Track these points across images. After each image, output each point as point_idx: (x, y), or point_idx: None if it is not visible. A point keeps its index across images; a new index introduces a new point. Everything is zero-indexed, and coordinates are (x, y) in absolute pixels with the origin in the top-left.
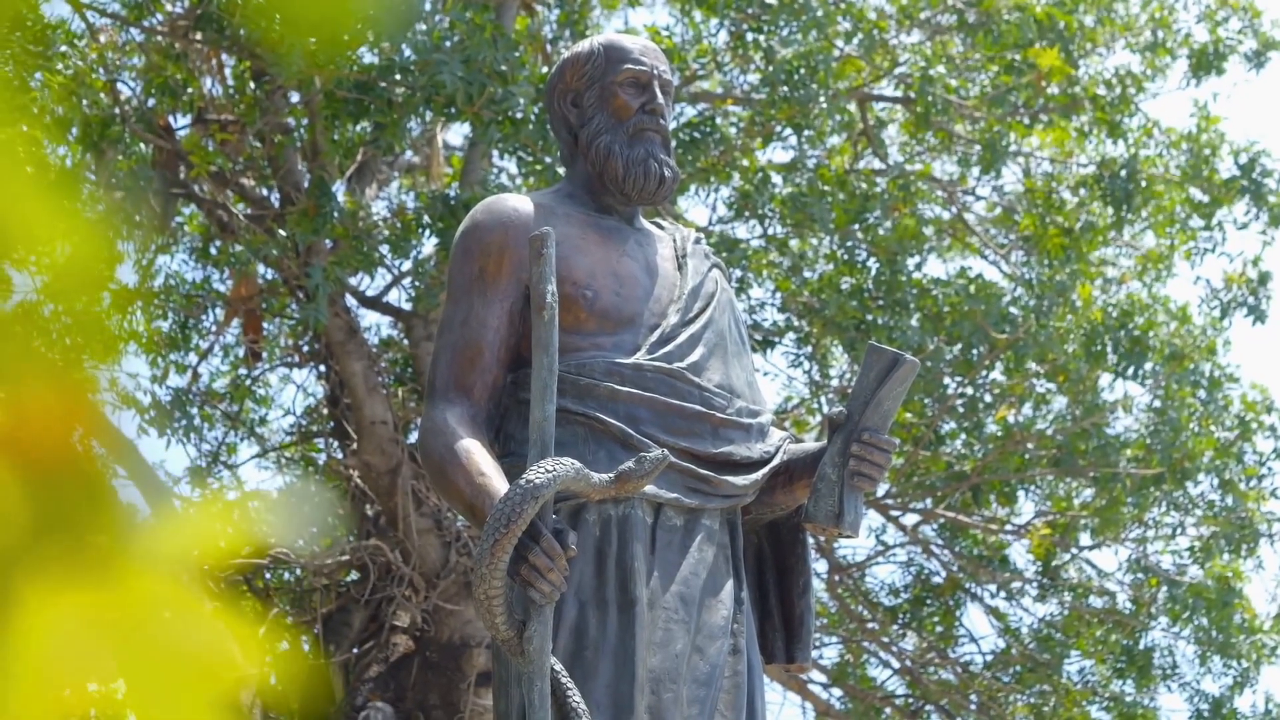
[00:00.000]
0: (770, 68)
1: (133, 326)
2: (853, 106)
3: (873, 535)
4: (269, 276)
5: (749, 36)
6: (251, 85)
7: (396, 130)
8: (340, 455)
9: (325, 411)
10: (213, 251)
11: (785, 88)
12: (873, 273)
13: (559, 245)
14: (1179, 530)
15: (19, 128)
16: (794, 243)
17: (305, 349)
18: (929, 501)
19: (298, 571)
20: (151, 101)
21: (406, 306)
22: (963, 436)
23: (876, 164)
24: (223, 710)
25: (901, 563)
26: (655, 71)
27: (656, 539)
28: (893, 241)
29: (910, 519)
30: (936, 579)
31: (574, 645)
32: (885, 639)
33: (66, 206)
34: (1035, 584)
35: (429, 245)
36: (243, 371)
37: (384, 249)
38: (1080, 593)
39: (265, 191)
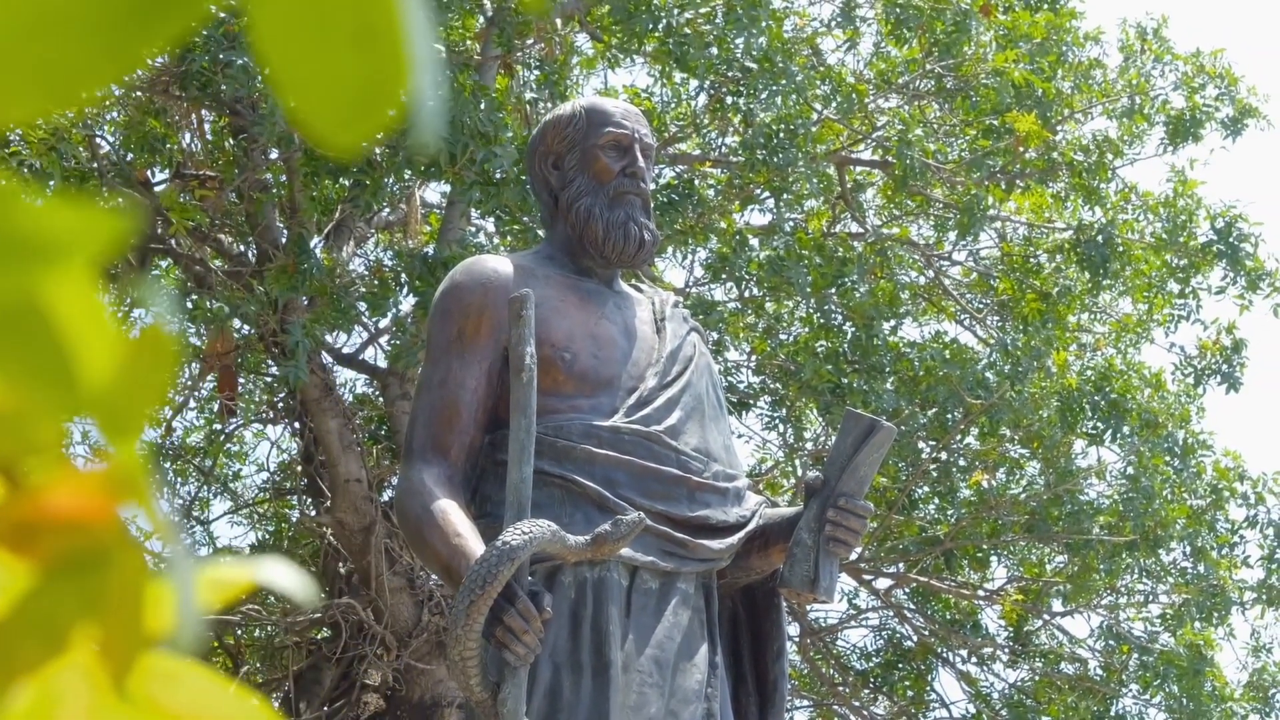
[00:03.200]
0: (749, 131)
1: None
2: (831, 170)
3: (845, 599)
4: (245, 332)
5: (728, 99)
6: (230, 141)
7: (376, 189)
8: (314, 512)
9: (299, 468)
10: (189, 306)
11: (764, 151)
12: (848, 336)
13: (538, 307)
14: (1151, 597)
15: None
16: (770, 305)
17: (280, 405)
18: (902, 566)
19: (269, 628)
20: (130, 156)
21: (382, 364)
22: (936, 501)
23: (854, 227)
24: None
25: (874, 627)
26: (636, 134)
27: (632, 602)
28: (869, 305)
29: (883, 583)
30: (908, 643)
31: (548, 708)
32: (857, 703)
33: None
34: (1007, 649)
35: (406, 303)
36: (217, 427)
37: (361, 306)
38: (1052, 659)
39: (243, 248)
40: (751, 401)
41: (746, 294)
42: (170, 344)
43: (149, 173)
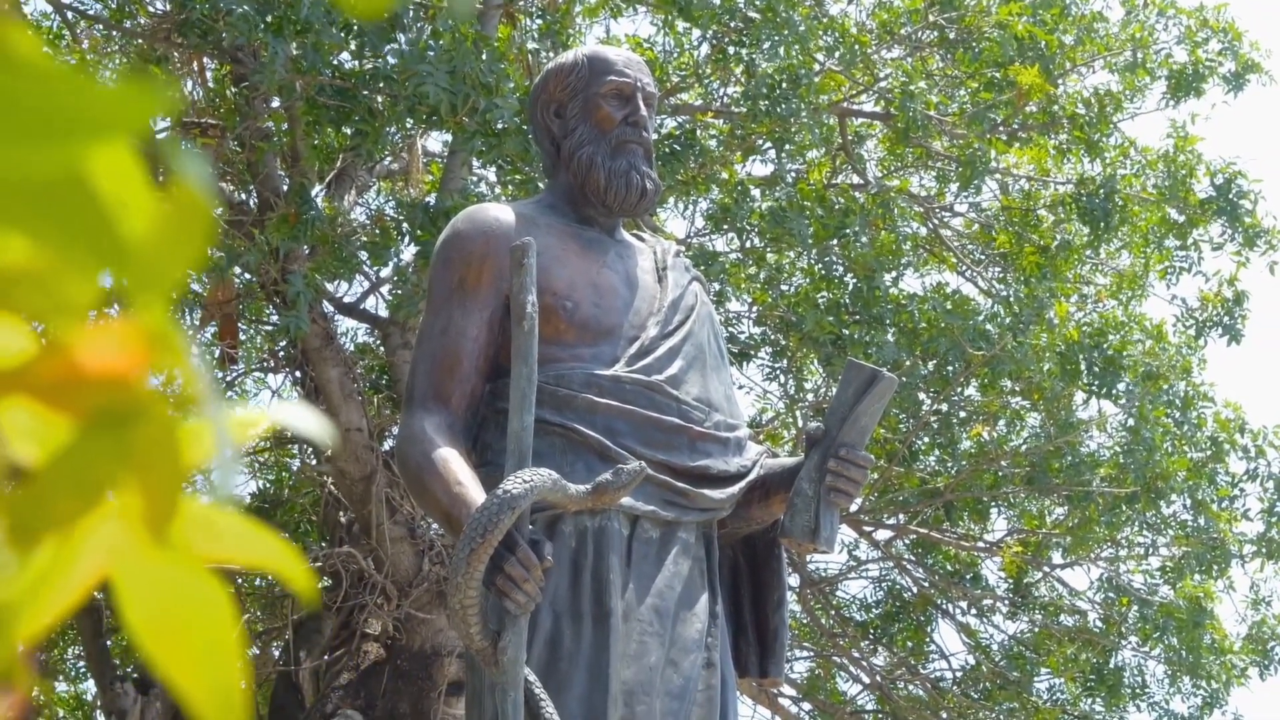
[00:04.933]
0: (751, 81)
1: None
2: (832, 121)
3: (845, 550)
4: (246, 280)
5: (730, 50)
6: (232, 89)
7: (377, 138)
8: (314, 462)
9: None
10: None
11: (766, 102)
12: (849, 288)
13: (540, 256)
14: (1151, 550)
15: None
16: (771, 256)
17: (281, 354)
18: (902, 517)
19: (269, 577)
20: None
21: (383, 313)
22: (936, 453)
23: (855, 179)
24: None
25: (874, 578)
26: (639, 83)
27: (632, 551)
28: (870, 257)
29: (883, 535)
30: (908, 595)
31: (548, 656)
32: (856, 654)
33: None
34: (1006, 601)
35: (408, 252)
36: (218, 374)
37: (362, 255)
38: (1051, 611)
39: (244, 196)
40: (752, 352)
41: (748, 245)
42: (203, 205)
43: (149, 121)
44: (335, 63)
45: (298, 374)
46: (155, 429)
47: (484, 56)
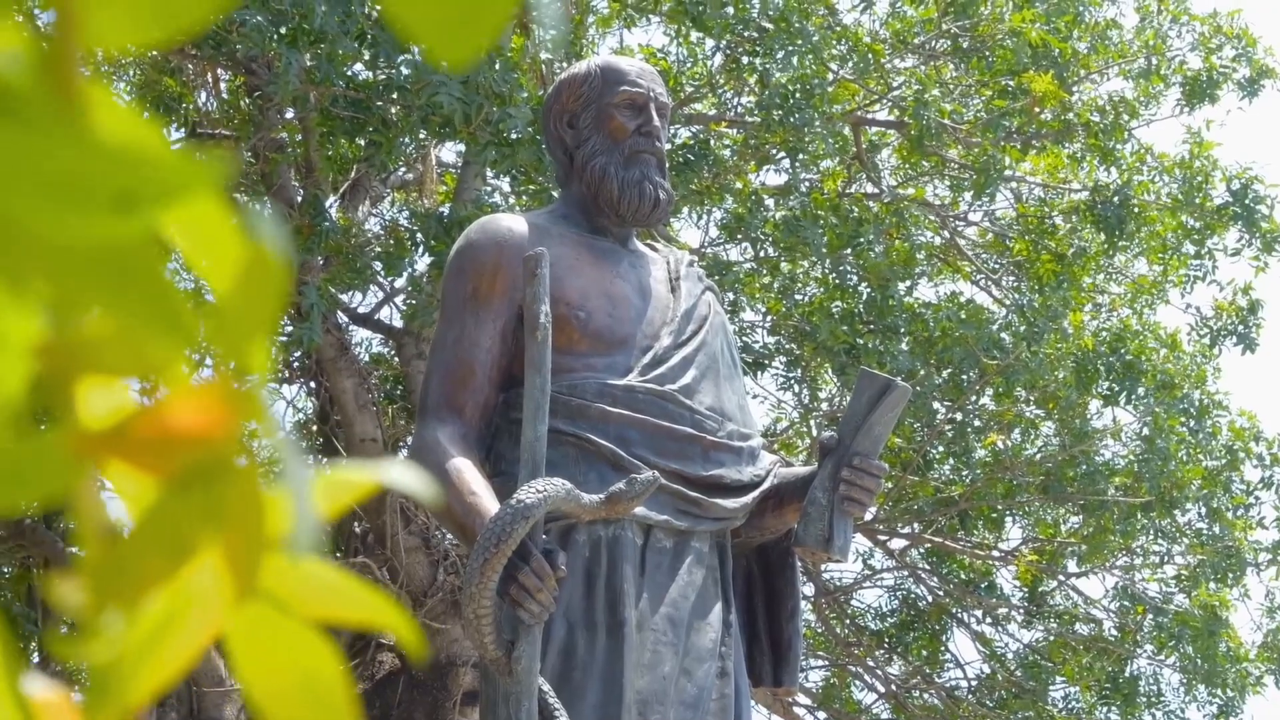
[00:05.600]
0: (765, 91)
1: None
2: (846, 130)
3: (860, 559)
4: None
5: (744, 59)
6: (245, 100)
7: (391, 148)
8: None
9: (315, 428)
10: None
11: (780, 111)
12: (864, 297)
13: (553, 266)
14: (1166, 558)
15: None
16: (785, 266)
17: (295, 364)
18: (916, 526)
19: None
20: (145, 115)
21: (398, 324)
22: (951, 462)
23: (869, 188)
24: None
25: (888, 587)
26: (652, 93)
27: (646, 561)
28: (884, 266)
29: (898, 544)
30: (923, 604)
31: (562, 666)
32: (871, 663)
33: None
34: (1021, 610)
35: (422, 263)
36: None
37: (376, 266)
38: (1066, 620)
39: (258, 207)
40: (767, 362)
41: (762, 254)
42: (278, 266)
43: (164, 131)
44: (349, 73)
45: (312, 384)
46: (241, 485)
47: (497, 66)
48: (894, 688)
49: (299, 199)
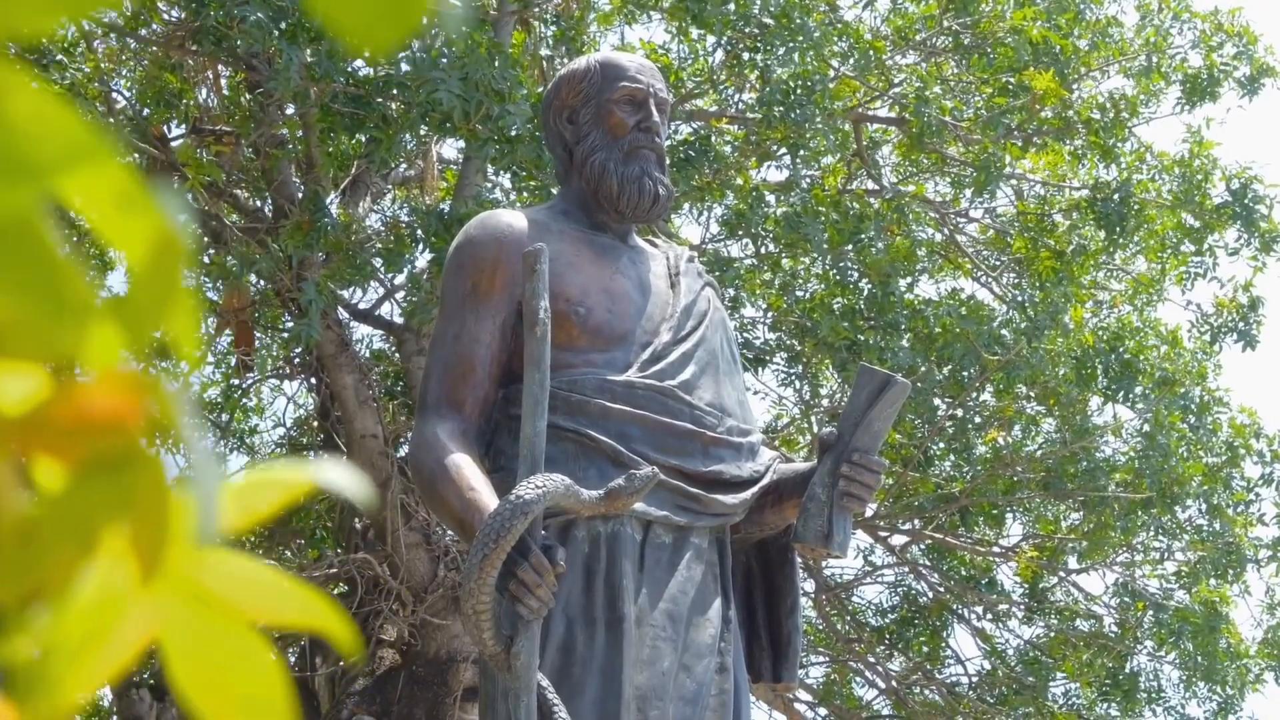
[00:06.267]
0: (766, 87)
1: None
2: (847, 127)
3: (860, 555)
4: (261, 287)
5: (745, 56)
6: (246, 96)
7: (391, 145)
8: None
9: (315, 424)
10: (205, 261)
11: (780, 107)
12: (864, 293)
13: (552, 262)
14: (1166, 555)
15: None
16: (786, 262)
17: (296, 361)
18: (917, 523)
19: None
20: (146, 111)
21: (398, 320)
22: (952, 458)
23: (870, 184)
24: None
25: (889, 583)
26: (651, 89)
27: (645, 557)
28: (885, 262)
29: (898, 540)
30: (924, 600)
31: (561, 662)
32: (871, 659)
33: None
34: (1022, 606)
35: (422, 259)
36: (234, 382)
37: (377, 262)
38: (1067, 616)
39: (259, 203)
40: (767, 358)
41: (763, 250)
42: (182, 247)
43: (165, 128)
44: (349, 70)
45: (313, 380)
46: (147, 474)
47: (496, 63)
48: (894, 684)
49: (299, 195)
